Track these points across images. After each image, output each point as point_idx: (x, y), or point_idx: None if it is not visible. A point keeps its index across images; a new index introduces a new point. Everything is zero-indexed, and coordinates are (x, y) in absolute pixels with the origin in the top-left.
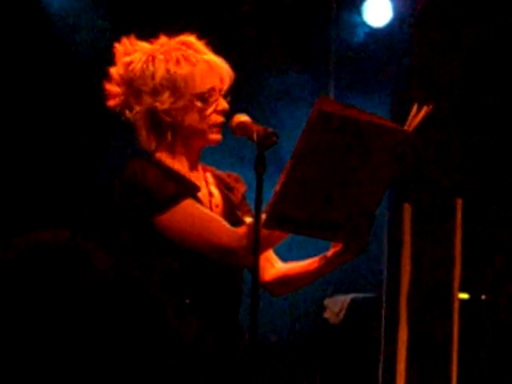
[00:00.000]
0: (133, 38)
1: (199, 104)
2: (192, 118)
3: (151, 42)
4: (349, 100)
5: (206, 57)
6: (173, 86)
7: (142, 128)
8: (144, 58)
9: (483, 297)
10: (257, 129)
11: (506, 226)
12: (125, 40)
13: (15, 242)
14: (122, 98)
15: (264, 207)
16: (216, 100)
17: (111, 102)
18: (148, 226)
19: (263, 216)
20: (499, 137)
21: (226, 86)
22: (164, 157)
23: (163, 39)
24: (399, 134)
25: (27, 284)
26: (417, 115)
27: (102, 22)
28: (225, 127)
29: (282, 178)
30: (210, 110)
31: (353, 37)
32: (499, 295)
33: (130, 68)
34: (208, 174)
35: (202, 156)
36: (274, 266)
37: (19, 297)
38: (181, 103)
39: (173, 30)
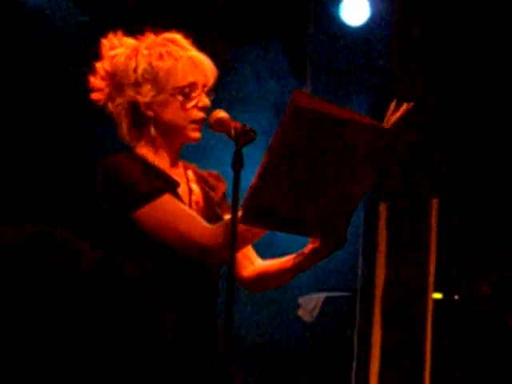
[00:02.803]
0: (119, 34)
1: (180, 98)
2: (173, 113)
3: (138, 39)
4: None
5: (190, 53)
6: (154, 78)
7: (124, 121)
8: (128, 52)
9: (456, 297)
10: (234, 125)
11: (481, 227)
12: (111, 35)
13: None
14: (106, 91)
15: (240, 203)
16: (198, 96)
17: (95, 96)
18: (125, 220)
19: (240, 212)
20: (477, 137)
21: (208, 83)
22: (145, 151)
23: (149, 36)
24: (378, 132)
25: (13, 280)
26: (395, 112)
27: (81, 17)
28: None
29: (257, 172)
30: (190, 105)
31: (330, 36)
32: (472, 295)
33: (114, 62)
34: (189, 172)
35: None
36: (253, 262)
37: (5, 293)
38: (162, 97)
39: (155, 21)
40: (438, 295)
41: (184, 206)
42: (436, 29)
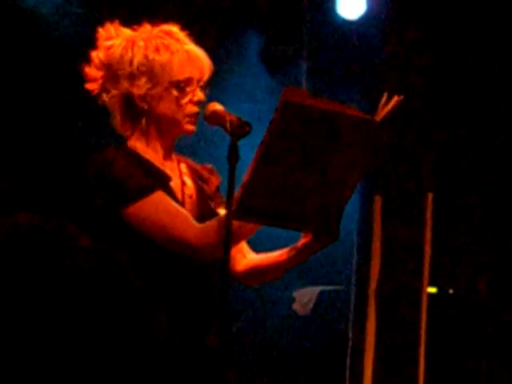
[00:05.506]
0: (116, 24)
1: (175, 92)
2: (167, 107)
3: (135, 29)
4: (321, 93)
5: (186, 47)
6: (150, 71)
7: (117, 112)
8: (124, 44)
9: (451, 291)
10: (230, 118)
11: (476, 221)
12: (108, 25)
13: None
14: (100, 81)
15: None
16: (193, 90)
17: (89, 85)
18: (116, 217)
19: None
20: (471, 131)
21: (204, 78)
22: (138, 144)
23: (146, 27)
24: (369, 125)
25: (8, 268)
26: (386, 105)
27: (77, 9)
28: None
29: (250, 167)
30: (185, 100)
31: (325, 30)
32: (467, 290)
33: (110, 52)
34: (182, 165)
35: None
36: (246, 256)
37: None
38: (157, 90)
39: (151, 15)
40: (432, 289)
41: (175, 204)
42: (432, 23)
